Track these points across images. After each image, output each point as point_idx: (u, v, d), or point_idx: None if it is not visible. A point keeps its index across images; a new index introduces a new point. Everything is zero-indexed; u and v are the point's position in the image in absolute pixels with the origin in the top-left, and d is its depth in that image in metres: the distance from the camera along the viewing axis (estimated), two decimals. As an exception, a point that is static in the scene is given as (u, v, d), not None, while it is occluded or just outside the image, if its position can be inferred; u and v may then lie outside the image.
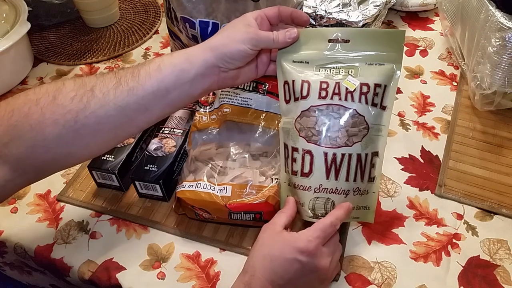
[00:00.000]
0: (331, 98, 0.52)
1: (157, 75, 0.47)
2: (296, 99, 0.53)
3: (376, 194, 0.54)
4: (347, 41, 0.53)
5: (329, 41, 0.54)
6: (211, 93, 0.67)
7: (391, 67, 0.53)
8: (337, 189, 0.52)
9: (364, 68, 0.53)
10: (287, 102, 0.55)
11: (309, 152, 0.52)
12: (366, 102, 0.52)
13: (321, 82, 0.52)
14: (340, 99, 0.51)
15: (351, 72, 0.53)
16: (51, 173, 0.49)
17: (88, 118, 0.45)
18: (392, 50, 0.53)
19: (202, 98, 0.67)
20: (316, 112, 0.52)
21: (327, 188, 0.51)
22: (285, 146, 0.54)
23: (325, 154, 0.51)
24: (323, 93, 0.52)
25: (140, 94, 0.46)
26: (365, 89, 0.52)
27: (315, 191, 0.52)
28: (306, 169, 0.52)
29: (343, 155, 0.51)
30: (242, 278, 0.48)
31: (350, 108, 0.51)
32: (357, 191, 0.52)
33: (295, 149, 0.53)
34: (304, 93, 0.53)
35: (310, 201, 0.52)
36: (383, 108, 0.53)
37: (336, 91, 0.52)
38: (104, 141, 0.49)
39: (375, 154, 0.53)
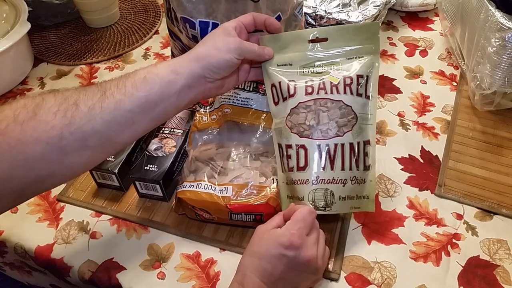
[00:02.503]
0: (317, 93, 0.54)
1: (144, 87, 0.46)
2: (284, 99, 0.55)
3: (373, 182, 0.55)
4: (325, 40, 0.56)
5: (309, 41, 0.56)
6: None
7: (370, 59, 0.55)
8: (334, 179, 0.52)
9: (345, 63, 0.55)
10: (276, 103, 0.56)
11: (303, 146, 0.53)
12: (351, 93, 0.54)
13: (306, 80, 0.55)
14: (326, 93, 0.54)
15: (333, 68, 0.55)
16: (31, 197, 0.46)
17: (74, 135, 0.42)
18: (369, 42, 0.55)
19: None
20: (305, 107, 0.54)
21: (325, 179, 0.52)
22: (279, 146, 0.56)
23: (319, 146, 0.53)
24: (309, 89, 0.54)
25: (127, 107, 0.45)
26: (348, 81, 0.54)
27: (313, 183, 0.52)
28: (302, 163, 0.53)
29: (335, 145, 0.53)
30: (236, 277, 0.48)
31: (336, 100, 0.54)
32: (354, 180, 0.53)
33: (288, 146, 0.54)
34: (291, 92, 0.55)
35: (309, 194, 0.52)
36: (368, 97, 0.55)
37: (321, 86, 0.54)
38: (89, 159, 0.46)
39: (367, 142, 0.55)
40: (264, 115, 0.63)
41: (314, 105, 0.54)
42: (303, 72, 0.56)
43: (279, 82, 0.55)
